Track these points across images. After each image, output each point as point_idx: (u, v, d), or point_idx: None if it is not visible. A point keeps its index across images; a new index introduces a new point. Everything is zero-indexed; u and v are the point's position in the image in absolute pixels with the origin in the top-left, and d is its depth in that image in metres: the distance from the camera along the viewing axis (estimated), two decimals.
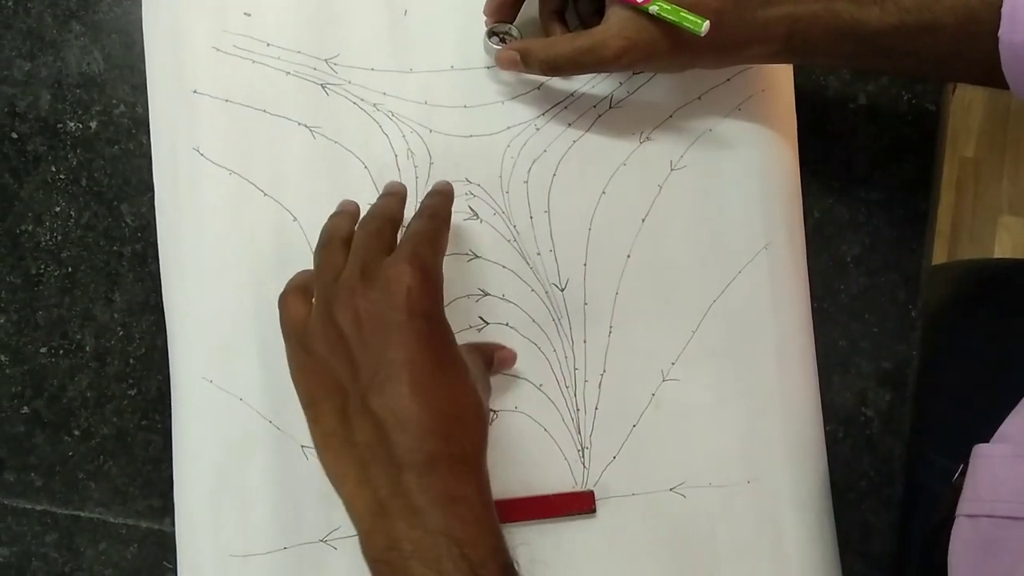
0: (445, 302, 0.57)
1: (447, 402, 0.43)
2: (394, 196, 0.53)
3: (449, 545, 0.40)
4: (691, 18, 0.51)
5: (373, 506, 0.42)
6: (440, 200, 0.51)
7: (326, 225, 0.51)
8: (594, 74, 0.60)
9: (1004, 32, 0.49)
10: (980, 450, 0.50)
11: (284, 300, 0.49)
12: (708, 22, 0.50)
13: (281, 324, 0.49)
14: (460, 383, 0.45)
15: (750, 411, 0.58)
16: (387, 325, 0.44)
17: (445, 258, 0.57)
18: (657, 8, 0.51)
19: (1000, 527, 0.47)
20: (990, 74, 0.51)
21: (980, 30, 0.49)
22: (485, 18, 0.58)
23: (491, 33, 0.58)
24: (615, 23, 0.53)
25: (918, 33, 0.51)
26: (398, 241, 0.48)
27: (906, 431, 0.61)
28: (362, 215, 0.51)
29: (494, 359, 0.54)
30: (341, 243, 0.49)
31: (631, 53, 0.53)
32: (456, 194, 0.58)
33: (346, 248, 0.48)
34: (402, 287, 0.44)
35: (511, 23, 0.58)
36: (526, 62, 0.55)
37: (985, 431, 0.50)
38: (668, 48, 0.53)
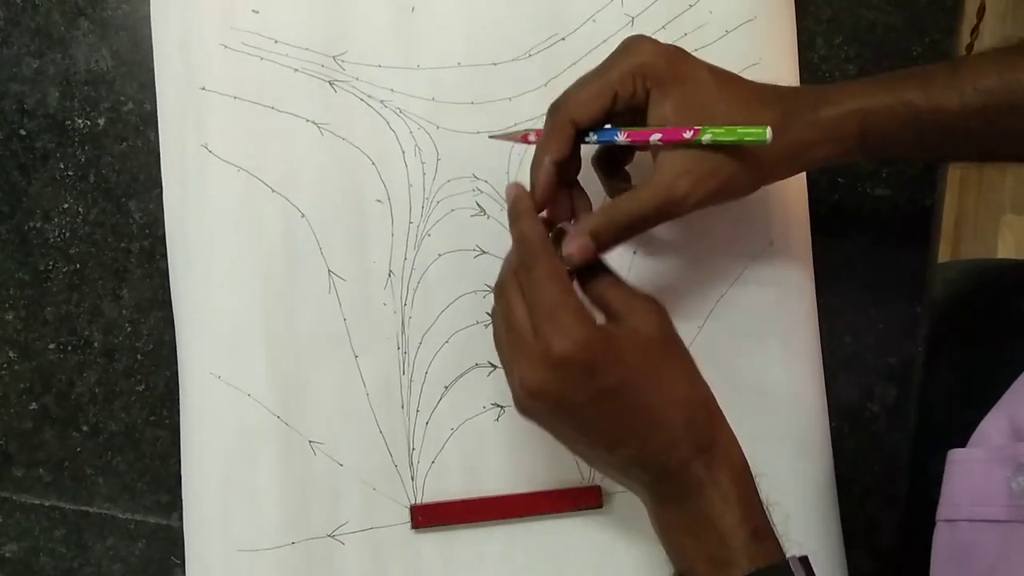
0: (453, 297, 0.58)
1: (667, 416, 0.47)
2: (525, 218, 0.48)
3: (704, 520, 0.46)
4: (751, 130, 0.47)
5: (649, 501, 0.49)
6: (521, 239, 0.48)
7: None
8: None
9: None
10: (955, 455, 0.50)
11: (516, 380, 0.48)
12: (770, 128, 0.46)
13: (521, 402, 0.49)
14: (669, 393, 0.47)
15: (756, 407, 0.58)
16: (589, 402, 0.46)
17: (452, 254, 0.58)
18: (711, 136, 0.47)
19: (979, 530, 0.47)
20: None
21: None
22: None
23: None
24: (671, 166, 0.49)
25: (1001, 115, 0.49)
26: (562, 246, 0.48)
27: (911, 427, 0.61)
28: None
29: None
30: (514, 290, 0.47)
31: (700, 187, 0.48)
32: (463, 190, 0.59)
33: (518, 293, 0.47)
34: (574, 366, 0.45)
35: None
36: (599, 243, 0.49)
37: None
38: (735, 169, 0.49)
